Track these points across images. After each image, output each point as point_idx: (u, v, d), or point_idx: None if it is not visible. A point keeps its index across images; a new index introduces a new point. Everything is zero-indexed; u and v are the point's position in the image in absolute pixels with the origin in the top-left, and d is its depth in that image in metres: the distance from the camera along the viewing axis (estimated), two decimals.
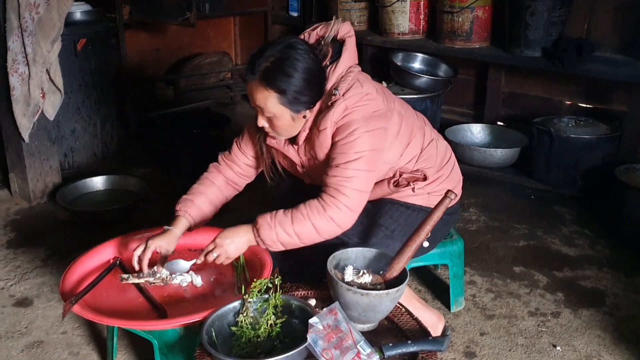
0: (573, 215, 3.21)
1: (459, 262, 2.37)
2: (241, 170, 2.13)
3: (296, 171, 2.07)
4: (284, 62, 1.74)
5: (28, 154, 3.20)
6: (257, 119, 1.87)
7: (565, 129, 3.33)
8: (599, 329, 2.34)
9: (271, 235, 1.83)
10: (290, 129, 1.87)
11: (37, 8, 2.92)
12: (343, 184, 1.81)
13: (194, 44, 4.95)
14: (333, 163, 1.84)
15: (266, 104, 1.78)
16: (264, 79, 1.75)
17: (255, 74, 1.76)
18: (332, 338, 1.56)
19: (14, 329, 2.32)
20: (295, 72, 1.75)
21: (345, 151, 1.82)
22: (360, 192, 1.83)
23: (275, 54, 1.75)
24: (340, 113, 1.83)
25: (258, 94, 1.78)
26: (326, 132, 1.85)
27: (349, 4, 4.15)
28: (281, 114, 1.80)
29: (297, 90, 1.76)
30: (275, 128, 1.86)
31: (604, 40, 3.51)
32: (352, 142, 1.81)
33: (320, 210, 1.80)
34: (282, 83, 1.75)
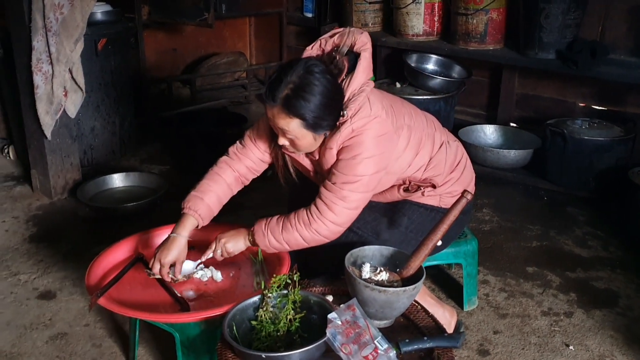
0: (586, 216, 3.23)
1: (473, 261, 2.41)
2: (253, 164, 2.14)
3: (309, 176, 2.11)
4: (304, 89, 1.75)
5: (50, 150, 3.27)
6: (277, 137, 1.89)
7: (579, 130, 3.35)
8: (612, 329, 2.36)
9: (264, 242, 1.94)
10: (311, 147, 1.91)
11: (61, 9, 2.98)
12: (335, 202, 1.86)
13: (210, 44, 5.01)
14: (331, 179, 1.88)
15: (288, 128, 1.81)
16: (286, 107, 1.77)
17: (276, 101, 1.77)
18: (351, 333, 1.60)
19: (39, 320, 2.38)
20: (315, 97, 1.76)
21: (346, 172, 1.86)
22: (350, 210, 1.89)
23: (295, 80, 1.76)
24: (346, 135, 1.86)
25: (280, 120, 1.80)
26: (332, 152, 1.89)
27: (364, 5, 4.19)
28: (303, 136, 1.83)
29: (318, 115, 1.78)
30: (296, 147, 1.90)
31: (618, 43, 3.52)
32: (354, 165, 1.85)
33: (306, 223, 1.88)
34: (303, 110, 1.76)
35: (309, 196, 1.97)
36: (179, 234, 1.97)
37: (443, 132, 2.15)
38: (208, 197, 2.04)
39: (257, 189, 3.50)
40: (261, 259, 2.07)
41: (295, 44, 5.14)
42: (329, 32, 1.98)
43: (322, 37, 1.97)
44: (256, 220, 1.97)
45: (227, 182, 2.10)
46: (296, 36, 5.12)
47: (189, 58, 4.96)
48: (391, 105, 1.97)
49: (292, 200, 2.32)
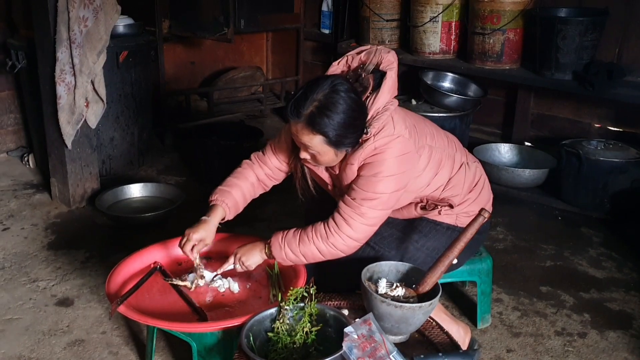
0: (600, 237, 3.23)
1: (487, 279, 2.42)
2: (271, 172, 2.20)
3: (327, 189, 2.14)
4: (329, 107, 1.79)
5: (70, 160, 3.32)
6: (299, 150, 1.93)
7: (594, 151, 3.36)
8: (626, 351, 2.36)
9: (280, 254, 1.96)
10: (332, 162, 1.95)
11: (85, 22, 3.05)
12: (353, 217, 1.89)
13: (228, 58, 5.07)
14: (351, 194, 1.91)
15: (311, 144, 1.85)
16: (310, 123, 1.80)
17: (301, 117, 1.80)
18: (367, 347, 1.62)
19: (57, 327, 2.41)
20: (339, 116, 1.79)
21: (366, 189, 1.88)
22: (368, 227, 1.92)
23: (320, 99, 1.79)
24: (368, 152, 1.89)
25: (304, 136, 1.84)
26: (353, 168, 1.93)
27: (381, 22, 4.23)
28: (325, 152, 1.87)
29: (341, 133, 1.82)
30: (317, 161, 1.93)
31: (635, 65, 3.53)
32: (374, 183, 1.87)
33: (323, 236, 1.91)
34: (327, 128, 1.80)
35: (325, 210, 2.00)
36: (209, 218, 2.05)
37: (463, 153, 2.17)
38: (235, 190, 2.12)
39: (271, 202, 3.56)
40: (277, 272, 2.09)
41: (311, 60, 5.20)
42: (356, 49, 2.02)
43: (349, 53, 2.02)
44: (273, 233, 2.00)
45: (250, 181, 2.18)
46: (313, 52, 5.17)
47: (206, 71, 5.02)
48: (414, 125, 2.00)
49: (309, 213, 2.34)
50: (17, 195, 3.55)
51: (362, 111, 1.86)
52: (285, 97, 5.07)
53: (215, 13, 4.14)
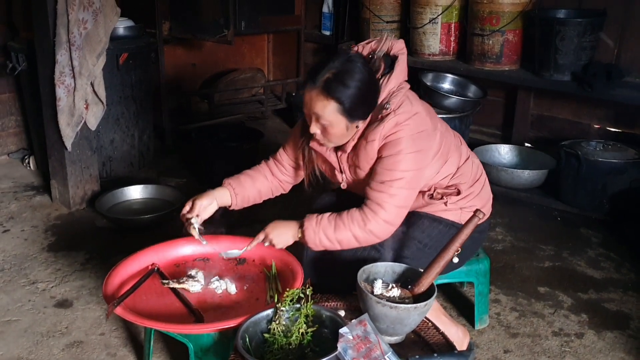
0: (599, 238, 3.23)
1: (484, 280, 2.42)
2: (285, 171, 2.24)
3: (334, 176, 2.15)
4: (345, 74, 1.83)
5: (70, 162, 3.34)
6: (308, 126, 1.95)
7: (593, 152, 3.36)
8: (623, 351, 2.36)
9: (314, 239, 1.96)
10: (342, 138, 1.96)
11: (85, 24, 3.07)
12: (386, 201, 1.91)
13: (229, 60, 5.09)
14: (377, 178, 1.93)
15: (324, 112, 1.87)
16: (325, 89, 1.84)
17: (317, 83, 1.84)
18: (362, 348, 1.62)
19: (55, 328, 2.43)
20: (354, 83, 1.84)
21: (392, 169, 1.91)
22: (399, 208, 1.94)
23: (337, 66, 1.84)
24: (390, 128, 1.91)
25: (318, 102, 1.86)
26: (374, 145, 1.94)
27: (381, 24, 4.24)
28: (337, 122, 1.89)
29: (354, 101, 1.85)
30: (327, 136, 1.94)
31: (634, 66, 3.53)
32: (399, 161, 1.90)
33: (360, 223, 1.92)
34: (341, 94, 1.83)
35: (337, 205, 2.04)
36: (213, 193, 2.12)
37: (468, 149, 2.21)
38: (244, 178, 2.19)
39: (271, 204, 3.55)
40: (275, 273, 2.10)
41: (312, 61, 5.20)
42: (366, 40, 2.07)
43: (360, 43, 2.06)
44: (305, 216, 1.98)
45: (263, 174, 2.24)
46: (313, 53, 5.18)
47: (207, 73, 5.04)
48: (428, 108, 2.06)
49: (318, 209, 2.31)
50: (17, 197, 3.57)
51: (375, 86, 1.91)
52: (286, 98, 5.08)
53: (215, 15, 4.16)
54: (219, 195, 2.13)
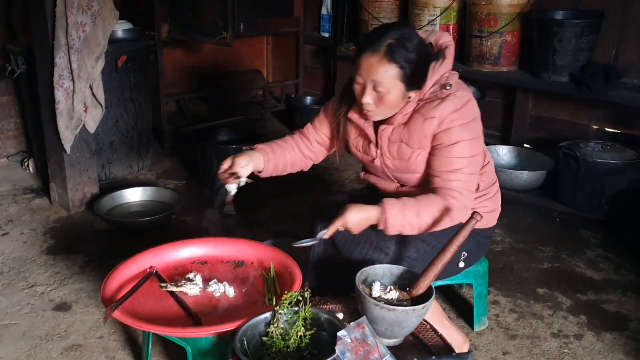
0: (598, 239, 3.23)
1: (483, 282, 2.42)
2: (311, 146, 2.26)
3: (367, 151, 2.14)
4: (406, 40, 1.86)
5: (69, 164, 3.34)
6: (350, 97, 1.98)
7: (592, 153, 3.36)
8: (622, 352, 2.36)
9: (396, 225, 1.93)
10: (394, 108, 1.96)
11: (83, 27, 3.07)
12: (462, 187, 1.95)
13: (228, 62, 5.09)
14: (447, 167, 1.95)
15: (384, 78, 1.87)
16: (388, 53, 1.84)
17: (378, 48, 1.85)
18: (360, 351, 1.62)
19: (54, 332, 2.43)
20: (416, 49, 1.87)
21: (460, 156, 1.94)
22: (472, 192, 2.01)
23: (398, 33, 1.86)
24: (450, 109, 1.93)
25: (379, 67, 1.86)
26: (432, 122, 1.95)
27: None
28: (395, 89, 1.89)
29: (415, 67, 1.88)
30: (380, 105, 1.93)
31: (632, 67, 3.53)
32: (463, 148, 1.94)
33: (443, 211, 1.93)
34: (405, 59, 1.85)
35: None
36: (250, 155, 2.13)
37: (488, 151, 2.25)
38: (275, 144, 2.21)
39: (269, 205, 3.57)
40: (273, 276, 2.10)
41: (311, 63, 5.21)
42: None
43: None
44: (382, 201, 1.93)
45: (290, 145, 2.25)
46: (312, 55, 5.19)
47: (206, 75, 5.04)
48: None
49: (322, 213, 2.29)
50: (16, 200, 3.57)
51: (429, 58, 1.94)
52: (285, 100, 5.08)
53: (214, 17, 4.16)
54: (255, 158, 2.14)
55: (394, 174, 2.14)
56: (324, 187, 3.80)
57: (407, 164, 2.07)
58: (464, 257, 2.14)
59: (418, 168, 2.07)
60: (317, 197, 3.64)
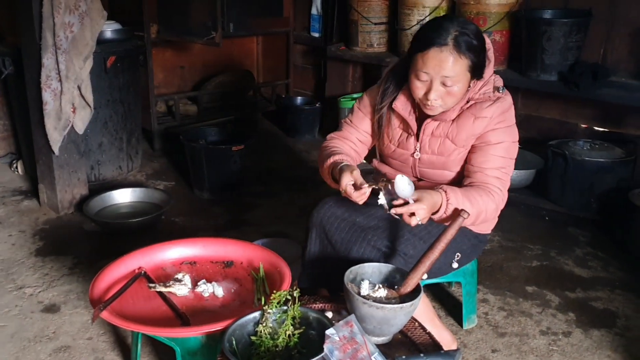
0: (587, 237, 3.25)
1: (472, 280, 2.43)
2: (354, 145, 2.23)
3: (406, 144, 2.13)
4: (470, 31, 1.88)
5: (57, 166, 3.32)
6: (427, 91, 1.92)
7: (580, 152, 3.38)
8: (610, 349, 2.37)
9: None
10: (459, 99, 1.97)
11: (71, 27, 3.06)
12: (504, 185, 2.03)
13: (218, 62, 5.08)
14: (493, 164, 2.00)
15: (455, 71, 1.87)
16: (457, 45, 1.85)
17: (447, 42, 1.85)
18: (348, 349, 1.63)
19: (42, 333, 2.41)
20: (478, 38, 1.89)
21: (505, 156, 2.02)
22: (506, 192, 2.06)
23: (460, 24, 1.88)
24: (501, 111, 1.99)
25: (449, 62, 1.86)
26: (484, 122, 1.98)
27: (369, 26, 4.25)
28: (463, 81, 1.91)
29: (481, 57, 1.91)
30: (448, 98, 1.94)
31: (620, 66, 3.56)
32: (508, 148, 2.02)
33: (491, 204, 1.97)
34: (473, 49, 1.87)
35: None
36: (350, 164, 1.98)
37: None
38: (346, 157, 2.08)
39: (260, 206, 3.57)
40: (263, 276, 2.10)
41: (302, 63, 5.21)
42: None
43: None
44: (441, 187, 1.89)
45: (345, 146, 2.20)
46: (303, 55, 5.19)
47: (196, 76, 5.03)
48: None
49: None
50: (5, 201, 3.55)
51: (485, 43, 1.97)
52: (275, 100, 5.08)
53: (203, 17, 4.15)
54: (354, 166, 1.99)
55: (423, 169, 2.15)
56: (314, 188, 3.80)
57: (446, 160, 2.09)
58: (457, 258, 2.16)
59: (454, 166, 2.10)
60: (307, 198, 3.64)
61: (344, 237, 2.10)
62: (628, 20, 3.50)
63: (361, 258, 2.02)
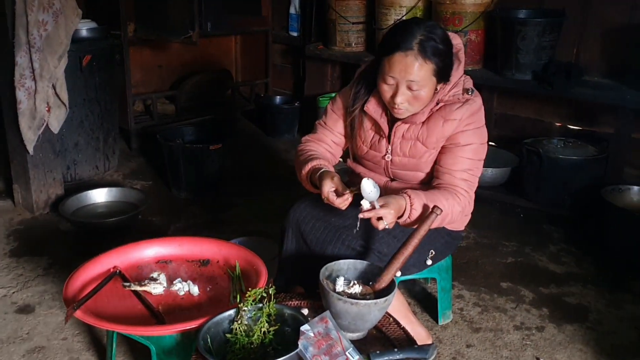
0: (561, 233, 3.30)
1: (446, 276, 2.46)
2: (329, 147, 2.23)
3: (377, 146, 2.14)
4: (435, 35, 1.88)
5: (32, 165, 3.29)
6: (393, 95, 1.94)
7: (554, 150, 3.43)
8: (582, 343, 2.42)
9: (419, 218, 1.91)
10: (425, 103, 1.98)
11: (45, 25, 3.03)
12: (471, 187, 2.05)
13: (196, 62, 5.06)
14: (461, 166, 2.02)
15: (420, 75, 1.88)
16: (422, 51, 1.86)
17: (412, 47, 1.86)
18: (322, 345, 1.64)
19: (16, 334, 2.39)
20: (444, 42, 1.90)
21: (472, 157, 2.04)
22: (472, 194, 2.09)
23: (426, 28, 1.88)
24: (470, 113, 2.00)
25: (414, 66, 1.87)
26: (453, 124, 1.99)
27: (347, 25, 4.27)
28: (429, 84, 1.92)
29: (446, 62, 1.91)
30: (414, 102, 1.95)
31: (593, 65, 3.62)
32: (476, 150, 2.04)
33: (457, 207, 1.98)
34: (438, 53, 1.88)
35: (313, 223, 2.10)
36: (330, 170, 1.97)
37: None
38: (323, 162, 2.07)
39: (236, 205, 3.57)
40: (239, 274, 2.10)
41: (280, 62, 5.22)
42: None
43: None
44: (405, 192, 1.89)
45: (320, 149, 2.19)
46: (281, 54, 5.19)
47: (174, 75, 5.01)
48: None
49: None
50: None
51: (452, 47, 1.96)
52: (254, 99, 5.08)
53: (181, 16, 4.14)
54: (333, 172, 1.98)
55: (395, 170, 2.16)
56: (290, 187, 3.80)
57: (418, 162, 2.10)
58: (431, 255, 2.18)
59: (426, 167, 2.11)
60: (285, 197, 3.64)
61: (319, 236, 2.11)
62: (600, 20, 3.56)
63: (336, 257, 2.03)
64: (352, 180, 2.32)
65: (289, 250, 2.20)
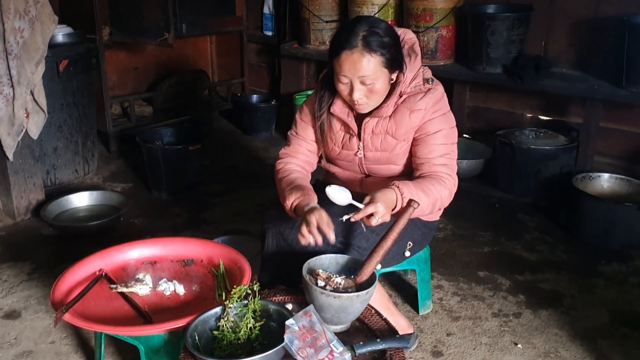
0: (535, 222, 3.39)
1: (425, 267, 2.53)
2: (306, 157, 2.27)
3: (349, 145, 2.19)
4: (378, 29, 1.94)
5: (12, 172, 3.29)
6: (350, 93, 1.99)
7: (526, 140, 3.53)
8: (557, 327, 2.51)
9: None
10: (383, 94, 2.04)
11: (21, 32, 3.03)
12: (452, 170, 2.11)
13: (172, 63, 5.07)
14: (437, 152, 2.08)
15: (368, 70, 1.94)
16: (366, 45, 1.91)
17: (357, 44, 1.92)
18: (307, 338, 1.69)
19: (3, 340, 2.41)
20: (389, 33, 1.96)
21: (445, 142, 2.09)
22: (455, 176, 2.13)
23: (369, 24, 1.94)
24: (434, 102, 2.07)
25: (361, 62, 1.93)
26: (419, 114, 2.06)
27: (321, 24, 4.32)
28: (382, 77, 1.97)
29: (393, 50, 1.96)
30: (371, 96, 2.01)
31: (561, 57, 3.72)
32: (448, 135, 2.09)
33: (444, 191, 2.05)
34: (382, 45, 1.93)
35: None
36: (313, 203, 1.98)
37: None
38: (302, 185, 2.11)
39: (218, 204, 3.61)
40: (223, 272, 2.14)
41: (256, 62, 5.25)
42: None
43: None
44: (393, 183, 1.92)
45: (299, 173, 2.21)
46: (257, 54, 5.23)
47: (151, 77, 5.01)
48: None
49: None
50: None
51: (398, 36, 2.03)
52: (231, 99, 5.10)
53: (156, 18, 4.15)
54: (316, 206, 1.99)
55: (369, 165, 2.21)
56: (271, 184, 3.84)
57: (390, 155, 2.16)
58: (409, 247, 2.25)
59: (399, 160, 2.17)
60: (265, 194, 3.69)
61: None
62: (567, 13, 3.66)
63: (317, 253, 2.08)
64: (326, 179, 2.39)
65: (270, 251, 2.23)
